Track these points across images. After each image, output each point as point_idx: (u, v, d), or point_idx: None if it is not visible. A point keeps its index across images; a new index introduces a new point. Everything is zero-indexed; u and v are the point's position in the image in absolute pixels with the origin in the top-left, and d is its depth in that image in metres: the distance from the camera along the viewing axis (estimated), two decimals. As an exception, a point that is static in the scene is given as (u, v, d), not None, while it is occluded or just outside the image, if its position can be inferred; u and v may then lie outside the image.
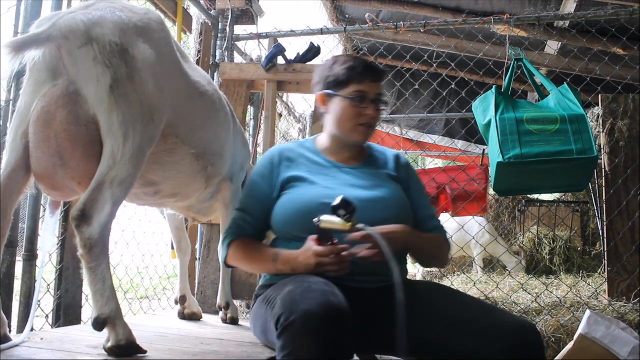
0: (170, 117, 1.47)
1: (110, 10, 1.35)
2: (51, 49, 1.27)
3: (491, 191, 4.51)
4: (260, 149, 3.17)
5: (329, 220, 1.30)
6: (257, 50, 3.54)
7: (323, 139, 1.65)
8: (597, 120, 3.53)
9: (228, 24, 3.22)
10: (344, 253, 1.32)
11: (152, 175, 1.57)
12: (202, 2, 3.14)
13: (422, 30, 3.26)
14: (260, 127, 2.92)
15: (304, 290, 1.17)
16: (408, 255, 1.57)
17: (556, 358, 2.24)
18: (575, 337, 2.17)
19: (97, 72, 1.27)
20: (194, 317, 2.14)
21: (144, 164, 1.35)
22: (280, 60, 2.64)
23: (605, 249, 3.00)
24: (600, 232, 4.32)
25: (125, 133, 1.28)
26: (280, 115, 4.28)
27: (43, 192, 1.47)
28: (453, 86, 3.59)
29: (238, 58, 3.43)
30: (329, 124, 1.60)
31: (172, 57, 1.50)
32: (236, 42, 3.30)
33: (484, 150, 3.85)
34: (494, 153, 2.47)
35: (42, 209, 1.96)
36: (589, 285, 3.60)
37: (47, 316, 1.99)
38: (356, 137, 1.56)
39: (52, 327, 1.95)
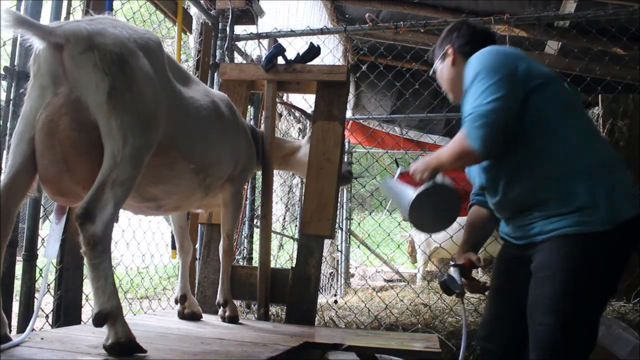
0: (170, 131, 1.54)
1: (112, 25, 1.44)
2: (53, 54, 1.32)
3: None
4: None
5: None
6: (257, 50, 3.54)
7: None
8: (597, 120, 3.52)
9: (228, 24, 3.22)
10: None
11: (153, 190, 1.64)
12: (202, 2, 3.15)
13: (422, 30, 3.26)
14: (260, 127, 2.92)
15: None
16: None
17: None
18: (576, 337, 2.16)
19: (97, 78, 1.33)
20: (194, 317, 2.14)
21: (143, 167, 1.41)
22: (280, 60, 2.64)
23: (605, 249, 2.99)
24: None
25: (124, 136, 1.33)
26: (280, 115, 4.27)
27: (50, 198, 1.52)
28: (453, 86, 3.58)
29: (238, 58, 3.43)
30: None
31: (166, 76, 1.59)
32: (236, 42, 3.31)
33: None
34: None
35: (42, 209, 1.97)
36: (589, 285, 3.58)
37: (47, 316, 1.99)
38: None
39: (52, 327, 1.95)
